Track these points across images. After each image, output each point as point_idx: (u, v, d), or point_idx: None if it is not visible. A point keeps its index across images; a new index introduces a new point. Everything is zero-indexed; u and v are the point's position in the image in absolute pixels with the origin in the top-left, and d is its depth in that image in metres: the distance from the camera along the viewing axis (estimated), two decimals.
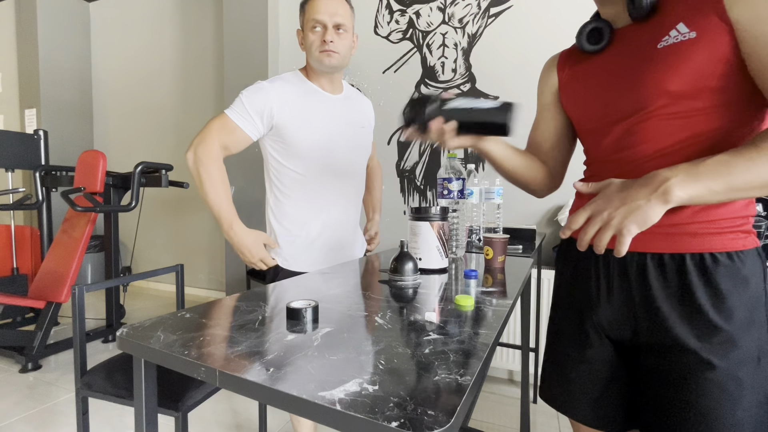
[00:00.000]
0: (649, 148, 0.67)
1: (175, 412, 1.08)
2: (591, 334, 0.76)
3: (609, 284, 0.72)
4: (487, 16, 2.30)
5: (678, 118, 0.64)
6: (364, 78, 2.65)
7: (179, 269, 1.47)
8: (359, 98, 1.34)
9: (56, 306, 2.30)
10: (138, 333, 0.54)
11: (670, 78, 0.63)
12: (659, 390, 0.66)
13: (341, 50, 1.14)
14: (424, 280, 0.88)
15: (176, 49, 3.70)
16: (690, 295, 0.63)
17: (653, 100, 0.65)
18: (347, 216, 1.27)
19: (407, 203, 2.57)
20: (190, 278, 3.72)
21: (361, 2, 2.64)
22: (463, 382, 0.41)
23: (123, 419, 1.75)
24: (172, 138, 3.77)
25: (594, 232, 0.60)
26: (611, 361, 0.75)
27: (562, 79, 0.85)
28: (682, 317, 0.64)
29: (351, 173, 1.27)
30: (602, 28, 0.75)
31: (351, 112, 1.26)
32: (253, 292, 0.78)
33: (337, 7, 1.12)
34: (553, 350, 0.84)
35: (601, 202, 0.61)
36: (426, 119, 0.75)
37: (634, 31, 0.71)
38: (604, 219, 0.59)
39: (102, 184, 2.45)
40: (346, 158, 1.24)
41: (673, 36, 0.63)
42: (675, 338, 0.64)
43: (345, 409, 0.35)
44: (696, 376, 0.62)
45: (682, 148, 0.64)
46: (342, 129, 1.22)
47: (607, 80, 0.73)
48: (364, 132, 1.30)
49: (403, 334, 0.55)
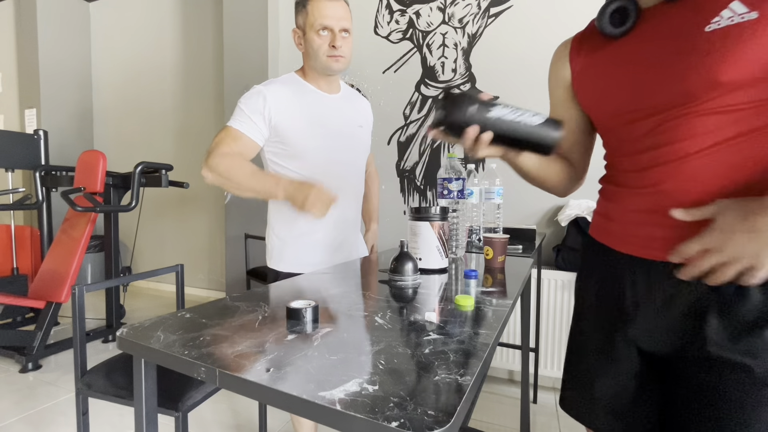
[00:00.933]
0: (690, 146, 0.58)
1: (175, 412, 1.07)
2: (620, 346, 0.71)
3: (650, 294, 0.66)
4: (487, 16, 2.30)
5: (726, 113, 0.56)
6: (364, 78, 2.65)
7: (179, 269, 1.47)
8: (357, 98, 1.34)
9: (56, 306, 2.30)
10: (138, 333, 0.54)
11: (723, 67, 0.54)
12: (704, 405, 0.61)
13: (347, 54, 1.16)
14: (424, 280, 0.88)
15: (176, 49, 3.70)
16: (747, 309, 0.57)
17: (700, 93, 0.56)
18: (348, 214, 1.27)
19: (407, 203, 2.57)
20: (190, 278, 3.72)
21: (361, 2, 2.64)
22: (463, 382, 0.41)
23: (123, 419, 1.75)
24: (172, 138, 3.77)
25: (709, 267, 0.54)
26: (641, 374, 0.70)
27: (575, 69, 0.76)
28: (736, 331, 0.58)
29: (350, 172, 1.27)
30: (627, 8, 0.64)
31: (349, 111, 1.26)
32: (253, 292, 0.78)
33: (344, 12, 1.13)
34: (577, 363, 0.79)
35: (722, 235, 0.53)
36: (464, 123, 0.65)
37: (668, 11, 0.61)
38: (730, 255, 0.52)
39: (102, 184, 2.45)
40: (345, 157, 1.24)
41: (727, 17, 0.54)
42: (727, 353, 0.58)
43: (345, 409, 0.35)
44: (750, 393, 0.57)
45: (728, 147, 0.56)
46: (340, 128, 1.22)
47: (636, 69, 0.64)
48: (362, 131, 1.30)
49: (403, 334, 0.55)
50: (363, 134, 1.30)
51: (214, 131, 3.49)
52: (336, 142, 1.20)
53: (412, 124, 2.53)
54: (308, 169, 1.17)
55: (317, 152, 1.17)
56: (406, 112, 2.54)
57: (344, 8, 1.14)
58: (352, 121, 1.26)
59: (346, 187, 1.23)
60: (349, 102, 1.29)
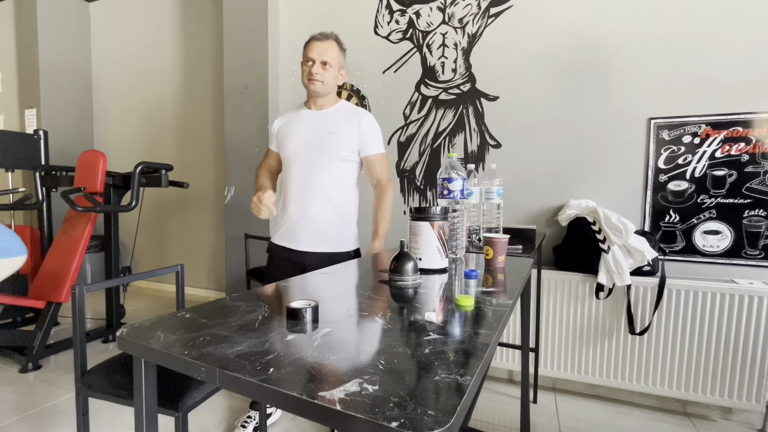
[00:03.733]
0: None
1: (175, 412, 1.07)
2: None
3: None
4: (487, 16, 2.30)
5: None
6: (364, 78, 2.65)
7: (179, 269, 1.47)
8: (341, 111, 1.54)
9: (56, 306, 2.30)
10: (138, 333, 0.54)
11: None
12: None
13: (325, 80, 1.46)
14: (424, 280, 0.88)
15: (176, 49, 3.70)
16: None
17: None
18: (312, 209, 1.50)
19: (407, 203, 2.57)
20: (190, 278, 3.72)
21: (361, 2, 2.64)
22: (463, 382, 0.41)
23: (123, 419, 1.75)
24: (172, 138, 3.77)
25: None
26: None
27: None
28: None
29: (316, 171, 1.49)
30: None
31: (322, 122, 1.51)
32: (253, 292, 0.78)
33: (327, 48, 1.45)
34: None
35: None
36: None
37: None
38: None
39: (102, 184, 2.45)
40: (311, 159, 1.50)
41: None
42: None
43: (345, 409, 0.35)
44: None
45: None
46: (309, 137, 1.50)
47: None
48: (333, 137, 1.49)
49: (403, 334, 0.55)
50: (333, 140, 1.49)
51: (213, 131, 3.50)
52: (303, 148, 1.50)
53: (412, 124, 2.53)
54: (287, 168, 1.55)
55: (290, 154, 1.53)
56: (406, 112, 2.54)
57: (329, 46, 1.45)
58: (323, 130, 1.50)
59: (311, 184, 1.49)
60: (331, 114, 1.52)
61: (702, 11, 1.88)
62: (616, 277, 1.80)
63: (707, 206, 1.88)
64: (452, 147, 2.42)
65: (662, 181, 1.95)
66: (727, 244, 1.86)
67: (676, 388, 1.80)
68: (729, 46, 1.84)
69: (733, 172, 1.84)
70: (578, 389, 2.04)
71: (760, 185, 1.80)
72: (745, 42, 1.82)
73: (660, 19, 1.94)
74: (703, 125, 1.88)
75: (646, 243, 1.80)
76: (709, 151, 1.87)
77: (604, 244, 1.82)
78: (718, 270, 1.89)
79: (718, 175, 1.86)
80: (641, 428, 1.73)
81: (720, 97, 1.86)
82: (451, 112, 2.42)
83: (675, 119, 1.93)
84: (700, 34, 1.88)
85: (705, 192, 1.88)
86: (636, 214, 2.01)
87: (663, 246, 1.95)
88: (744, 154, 1.82)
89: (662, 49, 1.94)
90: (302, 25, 2.84)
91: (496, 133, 2.31)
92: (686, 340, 1.78)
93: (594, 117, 2.07)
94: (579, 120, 2.10)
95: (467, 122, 2.38)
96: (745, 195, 1.82)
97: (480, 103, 2.34)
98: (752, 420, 1.78)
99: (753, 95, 1.81)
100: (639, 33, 1.97)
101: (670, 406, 1.90)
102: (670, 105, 1.94)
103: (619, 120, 2.02)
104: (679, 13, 1.91)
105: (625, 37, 1.99)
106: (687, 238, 1.92)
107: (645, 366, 1.84)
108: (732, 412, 1.81)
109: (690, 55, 1.90)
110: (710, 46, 1.87)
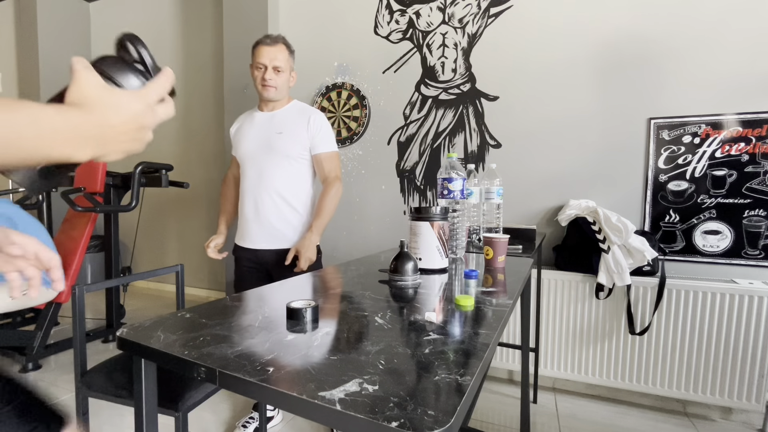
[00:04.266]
0: None
1: (175, 412, 1.07)
2: None
3: None
4: (487, 16, 2.30)
5: None
6: (364, 78, 2.65)
7: (179, 269, 1.47)
8: (291, 111, 1.59)
9: (56, 306, 2.30)
10: (138, 333, 0.54)
11: None
12: None
13: (278, 85, 1.52)
14: (424, 280, 0.88)
15: (176, 49, 3.70)
16: None
17: None
18: (263, 203, 1.55)
19: (407, 203, 2.57)
20: (190, 278, 3.72)
21: (361, 2, 2.64)
22: (463, 382, 0.41)
23: (123, 419, 1.75)
24: (172, 138, 3.76)
25: None
26: None
27: None
28: None
29: (264, 167, 1.55)
30: None
31: (271, 123, 1.57)
32: (253, 292, 0.78)
33: (277, 53, 1.49)
34: None
35: None
36: None
37: None
38: None
39: (102, 184, 2.45)
40: (262, 158, 1.56)
41: None
42: None
43: (345, 409, 0.35)
44: None
45: None
46: (259, 137, 1.57)
47: None
48: (281, 137, 1.54)
49: (403, 334, 0.55)
50: (282, 139, 1.54)
51: (213, 131, 3.50)
52: (255, 148, 1.57)
53: (412, 124, 2.53)
54: (241, 172, 1.63)
55: (241, 155, 1.60)
56: (406, 112, 2.54)
57: (279, 51, 1.49)
58: (272, 130, 1.55)
59: (263, 184, 1.55)
60: (281, 114, 1.58)
61: (702, 11, 1.88)
62: (616, 277, 1.80)
63: (707, 206, 1.88)
64: (452, 147, 2.42)
65: (662, 181, 1.95)
66: (727, 244, 1.86)
67: (676, 388, 1.80)
68: (729, 46, 1.84)
69: (733, 172, 1.84)
70: (578, 389, 2.04)
71: (760, 185, 1.80)
72: (745, 42, 1.82)
73: (660, 19, 1.94)
74: (703, 125, 1.88)
75: (646, 243, 1.80)
76: (709, 151, 1.87)
77: (604, 244, 1.82)
78: (718, 270, 1.89)
79: (718, 175, 1.86)
80: (641, 428, 1.73)
81: (720, 97, 1.86)
82: (451, 112, 2.42)
83: (675, 119, 1.93)
84: (700, 34, 1.88)
85: (705, 192, 1.88)
86: (636, 214, 2.01)
87: (663, 246, 1.96)
88: (744, 154, 1.82)
89: (662, 49, 1.94)
90: (302, 26, 2.84)
91: (496, 133, 2.31)
92: (686, 340, 1.78)
93: (594, 117, 2.07)
94: (579, 120, 2.10)
95: (467, 122, 2.38)
96: (745, 195, 1.82)
97: (480, 103, 2.34)
98: (752, 420, 1.78)
99: (753, 95, 1.81)
100: (639, 33, 1.97)
101: (670, 406, 1.90)
102: (670, 105, 1.94)
103: (619, 120, 2.02)
104: (679, 13, 1.91)
105: (625, 37, 1.99)
106: (687, 238, 1.92)
107: (645, 366, 1.84)
108: (732, 412, 1.81)
109: (690, 55, 1.90)
110: (710, 46, 1.87)
